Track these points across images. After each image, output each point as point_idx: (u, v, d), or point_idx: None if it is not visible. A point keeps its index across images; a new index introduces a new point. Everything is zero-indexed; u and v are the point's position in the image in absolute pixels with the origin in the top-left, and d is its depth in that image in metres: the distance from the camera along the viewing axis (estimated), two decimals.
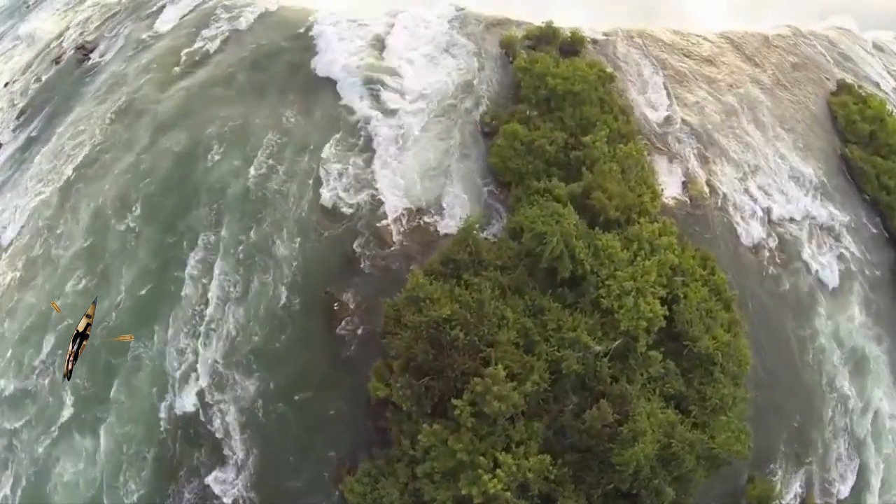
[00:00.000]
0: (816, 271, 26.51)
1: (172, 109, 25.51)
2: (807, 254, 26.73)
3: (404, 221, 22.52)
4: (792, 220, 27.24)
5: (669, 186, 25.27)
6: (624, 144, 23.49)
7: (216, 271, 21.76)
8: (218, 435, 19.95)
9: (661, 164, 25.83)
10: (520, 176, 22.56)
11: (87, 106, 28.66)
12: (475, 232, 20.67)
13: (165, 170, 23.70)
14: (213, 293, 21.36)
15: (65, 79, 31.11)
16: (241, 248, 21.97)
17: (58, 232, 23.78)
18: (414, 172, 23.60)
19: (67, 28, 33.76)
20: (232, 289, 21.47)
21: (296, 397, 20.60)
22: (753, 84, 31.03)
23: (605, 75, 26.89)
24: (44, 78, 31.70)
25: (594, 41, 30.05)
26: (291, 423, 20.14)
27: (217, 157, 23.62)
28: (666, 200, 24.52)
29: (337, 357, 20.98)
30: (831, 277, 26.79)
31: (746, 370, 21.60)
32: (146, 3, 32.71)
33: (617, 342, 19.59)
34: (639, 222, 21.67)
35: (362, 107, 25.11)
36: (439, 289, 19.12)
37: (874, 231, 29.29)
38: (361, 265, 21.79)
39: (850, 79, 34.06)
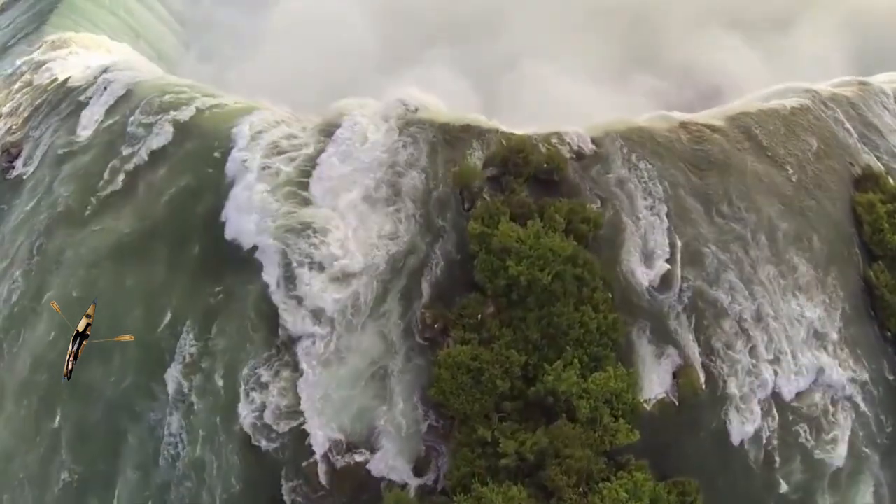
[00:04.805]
0: (820, 458, 20.60)
1: (69, 293, 20.33)
2: (812, 436, 20.69)
3: (333, 459, 17.37)
4: (799, 394, 20.91)
5: (656, 381, 19.12)
6: (601, 367, 17.28)
7: None
8: None
9: (647, 351, 19.41)
10: (464, 415, 16.94)
11: (8, 234, 23.80)
12: None
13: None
14: None
15: None
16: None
17: None
18: (342, 394, 18.17)
19: None
20: None
21: None
22: (770, 199, 23.17)
23: (587, 227, 19.92)
24: None
25: (580, 156, 22.35)
26: None
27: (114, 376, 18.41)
28: (649, 407, 18.48)
29: None
30: (838, 457, 20.89)
31: None
32: (70, 95, 25.97)
33: None
34: (605, 489, 15.98)
35: (280, 295, 18.97)
36: None
37: (891, 379, 22.72)
38: None
39: (874, 161, 25.51)
